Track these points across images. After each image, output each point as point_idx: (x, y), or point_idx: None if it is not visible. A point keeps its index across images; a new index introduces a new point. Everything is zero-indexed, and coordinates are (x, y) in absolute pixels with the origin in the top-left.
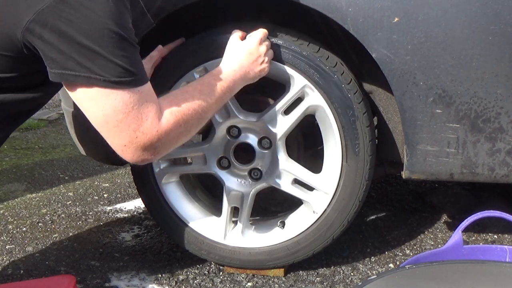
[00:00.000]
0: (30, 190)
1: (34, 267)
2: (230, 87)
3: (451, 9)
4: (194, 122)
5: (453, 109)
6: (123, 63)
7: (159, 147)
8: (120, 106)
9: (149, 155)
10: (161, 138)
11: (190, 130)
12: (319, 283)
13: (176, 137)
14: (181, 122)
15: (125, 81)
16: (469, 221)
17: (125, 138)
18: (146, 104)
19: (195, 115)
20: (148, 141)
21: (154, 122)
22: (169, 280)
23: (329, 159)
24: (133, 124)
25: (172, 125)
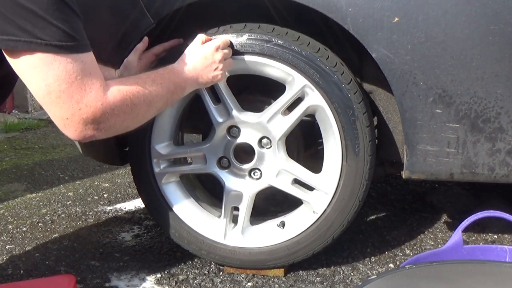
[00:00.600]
0: (30, 190)
1: (34, 267)
2: (182, 85)
3: (451, 9)
4: (142, 107)
5: (453, 109)
6: (65, 27)
7: (102, 123)
8: (63, 75)
9: (93, 130)
10: (105, 113)
11: (137, 115)
12: (319, 283)
13: (122, 117)
14: (128, 102)
15: (67, 45)
16: (469, 221)
17: (67, 110)
18: (90, 76)
19: (144, 101)
20: (91, 115)
21: (98, 94)
22: (169, 280)
23: (329, 159)
24: (76, 95)
25: (118, 101)
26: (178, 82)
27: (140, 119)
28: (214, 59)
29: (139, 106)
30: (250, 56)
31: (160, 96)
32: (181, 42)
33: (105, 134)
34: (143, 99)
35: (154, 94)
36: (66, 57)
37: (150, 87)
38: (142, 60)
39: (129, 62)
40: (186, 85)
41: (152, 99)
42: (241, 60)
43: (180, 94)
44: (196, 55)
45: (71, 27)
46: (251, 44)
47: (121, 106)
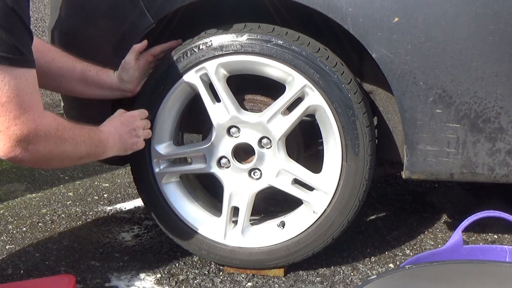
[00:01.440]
0: (30, 190)
1: (34, 267)
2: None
3: (451, 9)
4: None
5: (453, 109)
6: (14, 41)
7: (32, 144)
8: (6, 88)
9: (21, 149)
10: (37, 135)
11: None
12: (319, 283)
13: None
14: (60, 133)
15: (14, 58)
16: (469, 221)
17: (2, 124)
18: (30, 96)
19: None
20: (25, 133)
21: (35, 115)
22: (169, 280)
23: (329, 159)
24: (15, 111)
25: (53, 129)
26: (102, 139)
27: (64, 158)
28: (133, 126)
29: (67, 143)
30: (250, 56)
31: (85, 142)
32: (179, 43)
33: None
34: (73, 137)
35: (82, 139)
36: (11, 71)
37: (79, 131)
38: (140, 60)
39: (126, 62)
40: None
41: (80, 142)
42: (241, 60)
43: (101, 152)
44: (117, 121)
45: (20, 42)
46: (251, 44)
47: (52, 134)
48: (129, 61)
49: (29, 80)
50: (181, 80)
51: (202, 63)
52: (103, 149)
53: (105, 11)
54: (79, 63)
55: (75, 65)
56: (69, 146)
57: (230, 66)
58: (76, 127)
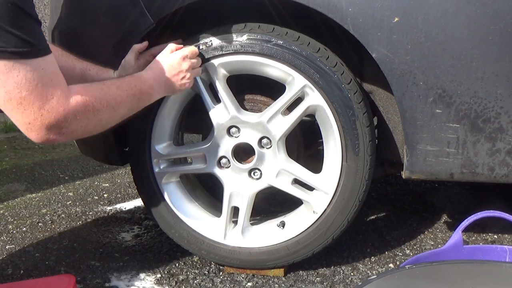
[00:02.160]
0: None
1: (34, 267)
2: (149, 92)
3: (451, 9)
4: (105, 112)
5: (453, 109)
6: (21, 34)
7: (65, 128)
8: (23, 82)
9: (55, 134)
10: (67, 118)
11: (100, 120)
12: (319, 283)
13: (85, 122)
14: (90, 108)
15: (24, 51)
16: (469, 221)
17: (29, 116)
18: (51, 83)
19: (107, 106)
20: (53, 120)
21: (60, 100)
22: (169, 280)
23: (329, 159)
24: (38, 102)
25: (80, 107)
26: (144, 89)
27: (103, 124)
28: (181, 68)
29: (102, 112)
30: (250, 56)
31: (124, 102)
32: (180, 43)
33: (67, 138)
34: (106, 104)
35: (118, 100)
36: (25, 65)
37: (114, 93)
38: (140, 60)
39: (127, 61)
40: (153, 93)
41: (116, 105)
42: (241, 60)
43: (146, 101)
44: (164, 63)
45: (27, 33)
46: (251, 44)
47: (83, 111)
48: (129, 60)
49: (46, 67)
50: None
51: (202, 63)
52: (148, 99)
53: (105, 11)
54: (79, 62)
55: (75, 64)
56: (105, 114)
57: (230, 66)
58: (110, 89)
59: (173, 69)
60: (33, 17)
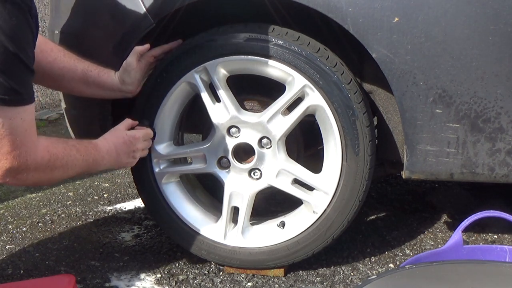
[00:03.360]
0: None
1: (34, 267)
2: (99, 161)
3: (451, 9)
4: (59, 171)
5: (453, 109)
6: (10, 83)
7: (21, 175)
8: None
9: (10, 178)
10: (28, 168)
11: (52, 177)
12: (319, 283)
13: (40, 175)
14: (51, 165)
15: (9, 99)
16: (469, 221)
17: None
18: (25, 133)
19: (63, 167)
20: (16, 167)
21: (28, 151)
22: (169, 280)
23: (329, 159)
24: (6, 148)
25: (44, 162)
26: (97, 158)
27: (51, 180)
28: (134, 147)
29: (58, 170)
30: (250, 56)
31: (78, 166)
32: (180, 43)
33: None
34: (64, 164)
35: (74, 163)
36: (6, 112)
37: (74, 156)
38: (142, 62)
39: (128, 64)
40: (102, 163)
41: (70, 167)
42: (241, 60)
43: (94, 169)
44: (121, 139)
45: (17, 82)
46: (251, 44)
47: (44, 166)
48: (131, 63)
49: (25, 118)
50: (181, 80)
51: (202, 63)
52: (96, 167)
53: (105, 11)
54: (81, 62)
55: (77, 65)
56: (59, 172)
57: (230, 66)
58: (71, 151)
59: (127, 147)
60: (28, 67)
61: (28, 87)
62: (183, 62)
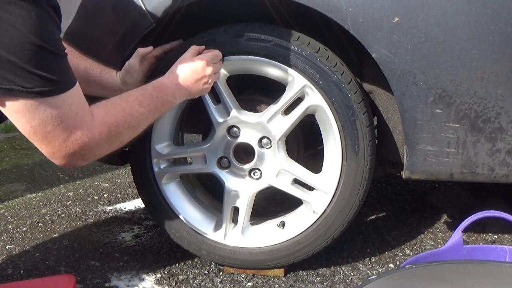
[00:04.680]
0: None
1: (34, 267)
2: (170, 101)
3: (451, 9)
4: (128, 133)
5: (453, 109)
6: (46, 74)
7: (87, 154)
8: (48, 119)
9: (78, 161)
10: (90, 147)
11: (122, 141)
12: (319, 283)
13: (107, 146)
14: (113, 133)
15: (49, 90)
16: (469, 221)
17: (53, 147)
18: (75, 116)
19: (129, 127)
20: (77, 150)
21: (84, 133)
22: (169, 280)
23: (329, 159)
24: (62, 135)
25: (104, 135)
26: (166, 98)
27: (125, 142)
28: (204, 73)
29: (125, 134)
30: (250, 56)
31: (146, 119)
32: (181, 43)
33: (89, 162)
34: (129, 126)
35: (140, 119)
36: (50, 102)
37: (136, 111)
38: (144, 63)
39: (131, 65)
40: (174, 100)
41: (138, 124)
42: (241, 60)
43: (168, 109)
44: (187, 68)
45: (51, 71)
46: (251, 44)
47: (106, 138)
48: (133, 64)
49: (71, 102)
50: None
51: None
52: (169, 107)
53: (105, 11)
54: (83, 60)
55: (79, 63)
56: (127, 134)
57: (230, 66)
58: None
59: (197, 74)
60: (56, 51)
61: (65, 73)
62: None
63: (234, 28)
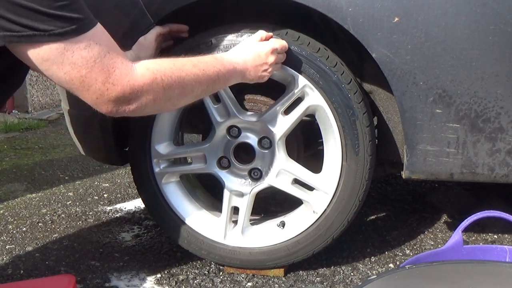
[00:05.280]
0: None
1: (34, 267)
2: (225, 76)
3: (451, 9)
4: (175, 89)
5: (453, 109)
6: (64, 13)
7: (133, 100)
8: (80, 61)
9: (124, 106)
10: (134, 90)
11: (171, 97)
12: (319, 283)
13: (153, 96)
14: (159, 81)
15: (72, 29)
16: (469, 221)
17: (95, 92)
18: (108, 55)
19: (178, 83)
20: (120, 92)
21: (123, 71)
22: (169, 280)
23: (329, 159)
24: (101, 77)
25: (147, 79)
26: (222, 72)
27: (174, 102)
28: (267, 60)
29: (172, 88)
30: None
31: (198, 82)
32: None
33: (138, 110)
34: (178, 81)
35: (191, 78)
36: (77, 43)
37: (188, 70)
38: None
39: (147, 39)
40: (230, 77)
41: (188, 83)
42: None
43: (222, 84)
44: (249, 50)
45: (70, 9)
46: None
47: (150, 84)
48: (150, 39)
49: (99, 40)
50: None
51: None
52: (224, 83)
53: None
54: None
55: None
56: (175, 91)
57: None
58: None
59: (259, 59)
60: None
61: (84, 11)
62: None
63: (233, 28)
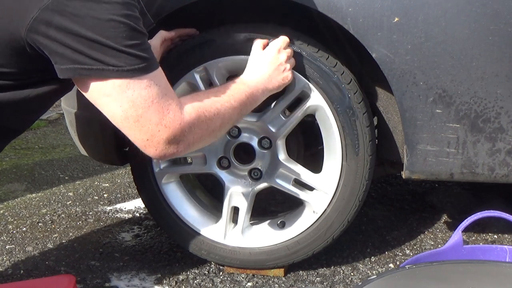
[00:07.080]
0: (30, 190)
1: (34, 267)
2: (254, 94)
3: (451, 9)
4: (217, 122)
5: (453, 109)
6: (134, 51)
7: (181, 141)
8: (139, 100)
9: (173, 149)
10: (183, 132)
11: (213, 130)
12: (319, 283)
13: (199, 133)
14: (203, 118)
15: (138, 68)
16: (469, 221)
17: (147, 133)
18: (165, 97)
19: (218, 115)
20: (171, 134)
21: (176, 114)
22: (169, 280)
23: (329, 159)
24: (155, 118)
25: (194, 119)
26: (250, 92)
27: (216, 133)
28: (279, 61)
29: (214, 121)
30: None
31: (233, 109)
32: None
33: (185, 151)
34: (217, 113)
35: (227, 107)
36: (139, 82)
37: (223, 101)
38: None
39: (153, 45)
40: (258, 95)
41: (226, 113)
42: (241, 60)
43: (254, 104)
44: (260, 63)
45: (139, 49)
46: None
47: (197, 123)
48: (155, 45)
49: (159, 82)
50: (181, 80)
51: (202, 63)
52: (255, 101)
53: None
54: None
55: None
56: (217, 123)
57: (230, 66)
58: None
59: (272, 64)
60: (141, 30)
61: (150, 52)
62: (183, 62)
63: (234, 28)
